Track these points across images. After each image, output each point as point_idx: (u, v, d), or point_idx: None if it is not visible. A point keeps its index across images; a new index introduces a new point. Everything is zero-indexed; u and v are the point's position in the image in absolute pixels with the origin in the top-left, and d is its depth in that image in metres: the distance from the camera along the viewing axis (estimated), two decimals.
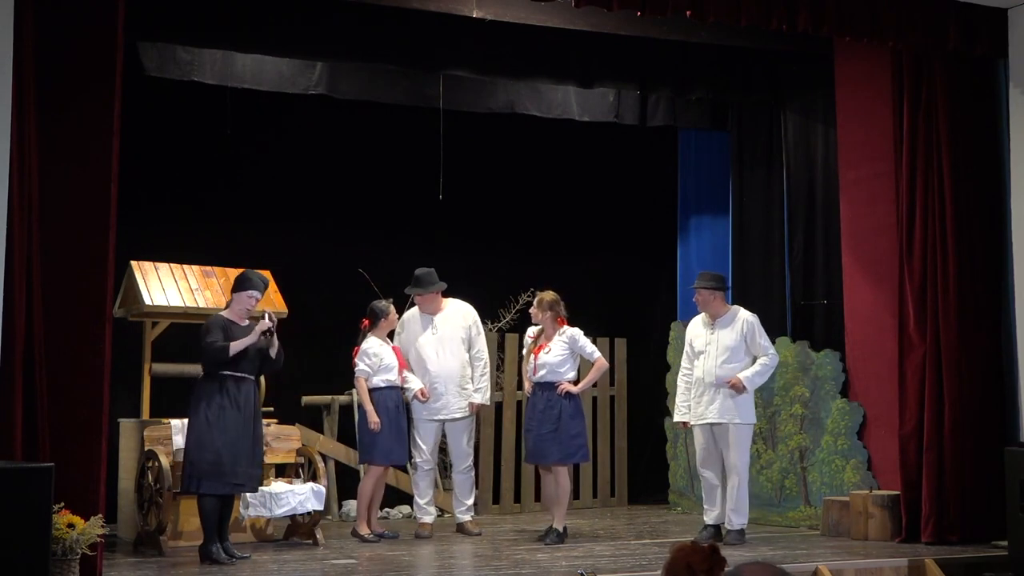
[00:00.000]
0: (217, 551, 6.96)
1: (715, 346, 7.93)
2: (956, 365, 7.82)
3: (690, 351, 8.10)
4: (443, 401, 8.20)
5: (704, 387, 7.93)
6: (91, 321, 6.20)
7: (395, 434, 7.95)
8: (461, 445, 8.30)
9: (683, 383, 8.13)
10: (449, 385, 8.20)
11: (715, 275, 8.22)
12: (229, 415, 7.04)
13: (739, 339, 7.90)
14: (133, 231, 7.65)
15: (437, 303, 8.32)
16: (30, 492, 5.42)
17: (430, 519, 8.27)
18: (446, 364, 8.22)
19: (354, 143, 9.76)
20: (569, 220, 10.51)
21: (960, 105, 8.01)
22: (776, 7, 7.24)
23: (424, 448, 8.22)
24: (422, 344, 8.26)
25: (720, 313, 7.99)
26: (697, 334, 8.07)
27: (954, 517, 7.73)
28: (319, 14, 8.16)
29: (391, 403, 7.98)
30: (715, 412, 7.87)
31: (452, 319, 8.32)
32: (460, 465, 8.34)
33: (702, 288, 8.01)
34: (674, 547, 3.32)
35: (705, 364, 7.94)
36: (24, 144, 6.04)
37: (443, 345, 8.25)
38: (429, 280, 8.23)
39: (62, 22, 6.23)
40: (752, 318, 8.00)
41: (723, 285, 8.12)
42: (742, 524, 7.89)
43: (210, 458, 6.98)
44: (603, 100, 9.88)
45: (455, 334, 8.28)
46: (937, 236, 7.93)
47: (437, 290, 8.27)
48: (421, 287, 8.23)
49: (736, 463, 7.86)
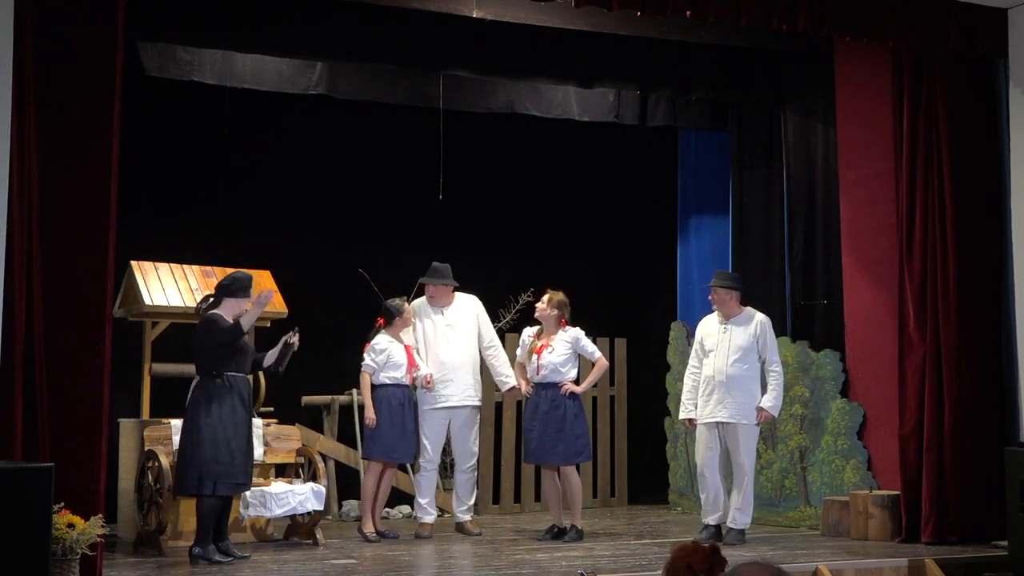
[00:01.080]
0: (213, 551, 6.96)
1: (727, 345, 7.92)
2: (956, 365, 7.82)
3: (700, 349, 8.08)
4: (452, 388, 8.20)
5: (714, 386, 7.90)
6: (91, 321, 6.19)
7: (397, 431, 7.94)
8: (467, 443, 8.30)
9: (691, 381, 8.10)
10: (459, 373, 8.23)
11: (732, 275, 8.29)
12: (239, 415, 7.08)
13: (752, 340, 7.90)
14: (133, 231, 7.65)
15: (449, 297, 8.39)
16: (30, 492, 5.41)
17: (431, 519, 8.27)
18: (456, 352, 8.26)
19: (354, 143, 9.76)
20: (569, 220, 10.51)
21: (960, 105, 8.01)
22: (776, 7, 7.25)
23: (428, 446, 8.21)
24: (432, 333, 8.30)
25: (734, 313, 7.99)
26: (709, 332, 8.05)
27: (954, 517, 7.73)
28: (319, 14, 8.16)
29: (395, 400, 7.97)
30: (724, 412, 7.84)
31: (461, 310, 8.40)
32: (463, 464, 8.34)
33: (720, 287, 8.01)
34: (674, 547, 3.32)
35: (716, 363, 7.91)
36: (24, 144, 6.04)
37: (454, 334, 8.30)
38: (447, 273, 8.33)
39: (62, 22, 6.23)
40: (766, 320, 8.01)
41: (740, 286, 8.12)
42: (745, 524, 7.90)
43: (224, 459, 6.99)
44: (603, 100, 9.89)
45: (465, 324, 8.35)
46: (937, 236, 7.93)
47: (452, 284, 8.35)
48: (440, 278, 8.30)
49: (744, 463, 7.86)
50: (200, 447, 6.97)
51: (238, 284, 7.23)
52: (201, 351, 7.13)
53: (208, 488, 6.98)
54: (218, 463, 6.97)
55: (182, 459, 7.09)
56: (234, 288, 7.22)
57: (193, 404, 7.07)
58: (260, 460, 7.68)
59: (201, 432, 6.98)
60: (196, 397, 7.08)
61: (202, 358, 7.13)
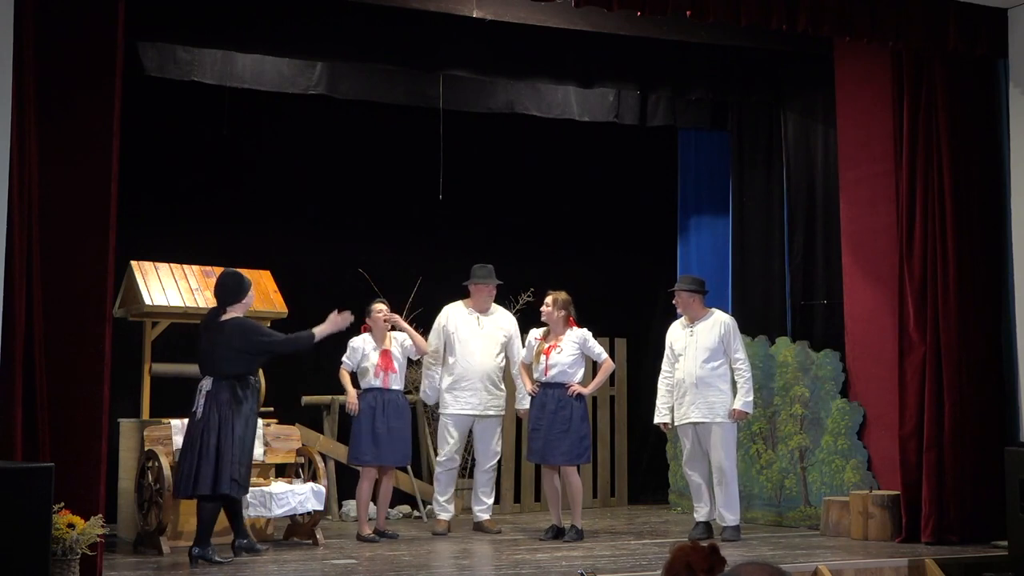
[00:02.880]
0: (213, 551, 6.95)
1: (694, 347, 8.13)
2: (956, 365, 7.82)
3: (670, 354, 8.33)
4: (479, 397, 8.33)
5: (685, 388, 8.13)
6: (91, 321, 6.19)
7: (381, 436, 7.95)
8: (490, 445, 8.43)
9: (664, 385, 8.37)
10: (485, 382, 8.35)
11: (695, 278, 8.46)
12: (255, 417, 7.20)
13: (717, 340, 8.10)
14: (133, 231, 7.65)
15: (488, 302, 8.48)
16: (30, 492, 5.41)
17: (448, 516, 8.35)
18: (485, 362, 8.38)
19: (354, 143, 9.76)
20: (569, 220, 10.51)
21: (960, 105, 8.01)
22: (776, 7, 7.24)
23: (451, 444, 8.31)
24: (467, 338, 8.39)
25: (699, 316, 8.20)
26: (676, 337, 8.31)
27: (954, 517, 7.73)
28: (319, 14, 8.16)
29: (367, 405, 8.00)
30: (697, 412, 8.06)
31: (497, 322, 8.52)
32: (485, 464, 8.44)
33: (682, 291, 8.22)
34: (674, 547, 3.32)
35: (685, 365, 8.15)
36: (24, 144, 6.03)
37: (486, 343, 8.41)
38: (488, 273, 8.43)
39: (62, 22, 6.22)
40: (730, 320, 8.22)
41: (703, 288, 8.30)
42: (735, 521, 7.99)
43: (247, 461, 7.08)
44: (603, 100, 9.89)
45: (497, 337, 8.47)
46: (937, 236, 7.93)
47: (494, 284, 8.44)
48: (482, 279, 8.39)
49: (722, 462, 8.01)
50: (233, 448, 6.96)
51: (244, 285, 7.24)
52: (238, 355, 7.07)
53: (237, 491, 7.00)
54: (243, 465, 7.03)
55: (208, 459, 6.95)
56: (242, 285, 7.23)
57: (222, 404, 6.99)
58: (260, 460, 7.68)
59: (235, 433, 6.98)
60: (225, 398, 7.01)
61: (237, 362, 7.08)
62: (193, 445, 6.98)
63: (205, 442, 6.96)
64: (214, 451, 6.94)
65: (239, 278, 7.28)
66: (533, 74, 9.27)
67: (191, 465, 6.95)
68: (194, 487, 6.95)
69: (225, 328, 7.10)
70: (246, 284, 7.27)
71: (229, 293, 7.23)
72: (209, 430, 6.95)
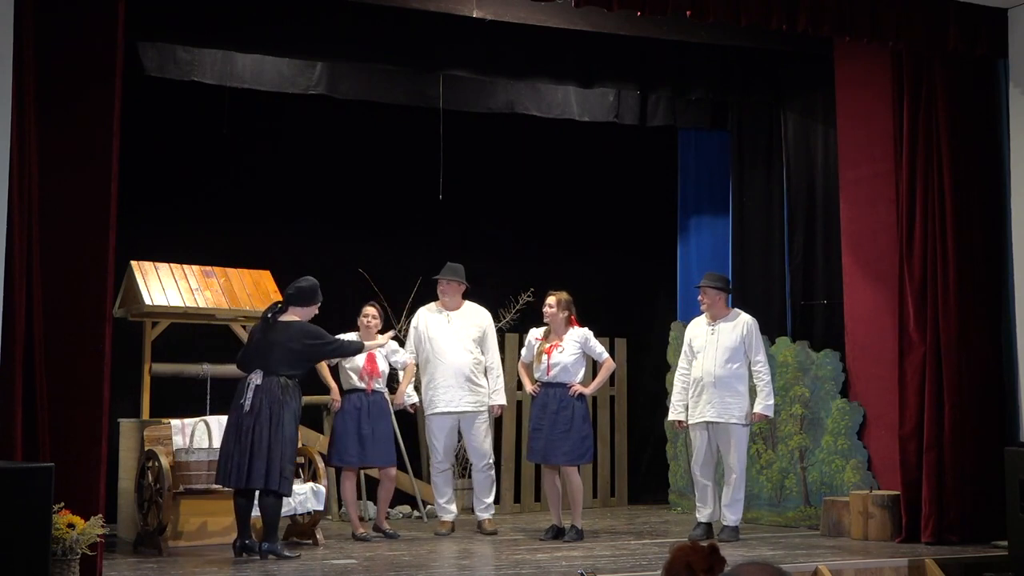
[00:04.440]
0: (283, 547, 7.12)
1: (715, 346, 8.03)
2: (956, 365, 7.82)
3: (689, 351, 8.20)
4: (452, 394, 8.26)
5: (703, 386, 8.02)
6: (91, 321, 6.18)
7: (357, 437, 7.95)
8: (478, 442, 8.37)
9: (680, 383, 8.23)
10: (459, 378, 8.27)
11: (721, 276, 8.38)
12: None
13: (739, 341, 8.01)
14: (133, 231, 7.65)
15: (458, 299, 8.42)
16: (30, 492, 5.41)
17: (450, 517, 8.35)
18: (457, 359, 8.29)
19: (354, 143, 9.76)
20: (569, 220, 10.51)
21: (960, 105, 8.01)
22: (776, 7, 7.24)
23: (438, 447, 8.29)
24: (436, 336, 8.34)
25: (722, 314, 8.11)
26: (697, 334, 8.18)
27: (954, 517, 7.72)
28: (319, 14, 8.15)
29: (350, 406, 8.00)
30: (713, 411, 7.96)
31: (468, 318, 8.43)
32: (479, 463, 8.40)
33: (709, 287, 8.11)
34: (674, 547, 3.32)
35: (704, 364, 8.03)
36: (24, 144, 6.03)
37: (457, 340, 8.33)
38: (451, 271, 8.38)
39: (62, 22, 6.22)
40: (753, 322, 8.12)
41: (728, 287, 8.27)
42: (736, 521, 7.98)
43: (293, 460, 7.21)
44: (603, 100, 9.88)
45: (469, 332, 8.38)
46: (937, 236, 7.93)
47: (463, 283, 8.39)
48: (451, 275, 8.35)
49: (734, 463, 7.95)
50: (283, 445, 7.02)
51: (317, 292, 7.36)
52: (296, 357, 7.17)
53: (286, 488, 7.07)
54: (291, 462, 7.12)
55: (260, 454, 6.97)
56: (315, 292, 7.35)
57: (273, 400, 7.03)
58: None
59: (284, 430, 7.03)
60: (276, 395, 7.04)
61: (294, 363, 7.17)
62: (242, 437, 6.99)
63: (257, 436, 6.98)
64: (266, 446, 6.98)
65: (317, 288, 7.38)
66: (533, 74, 9.27)
67: (243, 457, 6.97)
68: (247, 480, 6.99)
69: (289, 329, 7.19)
70: (319, 296, 7.38)
71: (304, 297, 7.32)
72: (260, 424, 7.00)
